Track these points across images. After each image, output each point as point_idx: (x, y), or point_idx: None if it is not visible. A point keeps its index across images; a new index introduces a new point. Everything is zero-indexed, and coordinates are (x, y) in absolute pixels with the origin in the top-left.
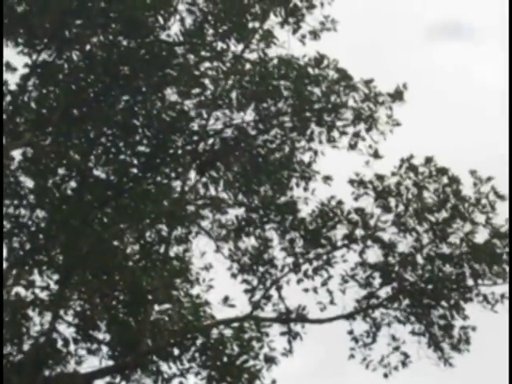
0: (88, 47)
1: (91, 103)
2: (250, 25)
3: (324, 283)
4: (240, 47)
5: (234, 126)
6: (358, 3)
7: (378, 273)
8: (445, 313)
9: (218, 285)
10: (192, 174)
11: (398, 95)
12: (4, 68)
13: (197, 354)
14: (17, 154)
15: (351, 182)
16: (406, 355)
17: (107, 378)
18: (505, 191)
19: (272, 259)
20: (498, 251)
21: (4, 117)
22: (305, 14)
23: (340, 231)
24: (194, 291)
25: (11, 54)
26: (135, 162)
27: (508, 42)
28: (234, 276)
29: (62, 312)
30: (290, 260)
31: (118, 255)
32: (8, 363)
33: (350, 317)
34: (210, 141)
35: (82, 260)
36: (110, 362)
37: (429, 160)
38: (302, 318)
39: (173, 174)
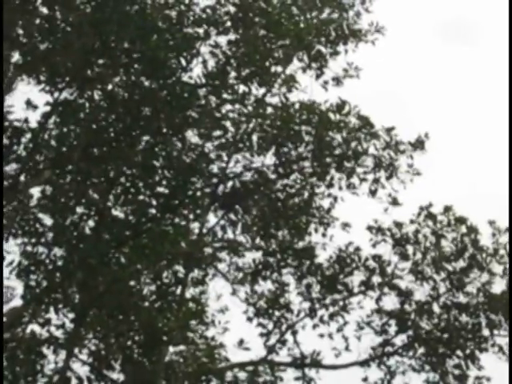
0: (110, 87)
1: (111, 143)
2: (273, 69)
3: (340, 329)
4: (262, 91)
5: (253, 170)
6: (382, 50)
7: (394, 320)
8: (460, 362)
9: (234, 328)
10: (210, 216)
11: (419, 144)
12: (25, 106)
13: None
14: (36, 191)
15: (369, 228)
16: None
17: None
18: None
19: (288, 304)
20: None
21: (24, 154)
22: (328, 60)
23: (357, 278)
24: (210, 333)
25: (33, 91)
26: (154, 202)
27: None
28: (249, 319)
29: (76, 351)
30: (306, 305)
31: (135, 295)
32: None
33: (364, 364)
34: (230, 184)
35: (98, 299)
36: None
37: (447, 209)
38: (317, 364)
39: (191, 216)
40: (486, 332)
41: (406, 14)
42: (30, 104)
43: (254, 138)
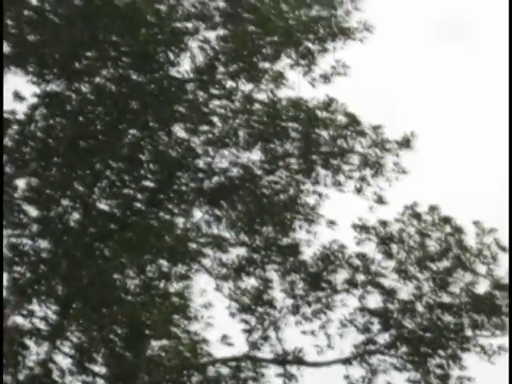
0: (98, 80)
1: (98, 136)
2: (261, 65)
3: (322, 326)
4: (250, 87)
5: (240, 165)
6: (371, 48)
7: (377, 319)
8: (442, 362)
9: (217, 323)
10: (196, 211)
11: (405, 143)
12: (12, 97)
13: None
14: (21, 183)
15: (354, 226)
16: None
17: None
18: (507, 243)
19: (272, 300)
20: (497, 303)
21: (10, 145)
22: (316, 57)
23: (341, 275)
24: (193, 328)
25: (21, 82)
26: (140, 196)
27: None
28: (232, 315)
29: (59, 343)
30: (289, 302)
31: (118, 289)
32: None
33: (347, 361)
34: (216, 179)
35: (82, 292)
36: None
37: (433, 208)
38: (299, 361)
39: (176, 210)
40: (468, 332)
41: (399, 12)
42: (17, 95)
43: (241, 133)
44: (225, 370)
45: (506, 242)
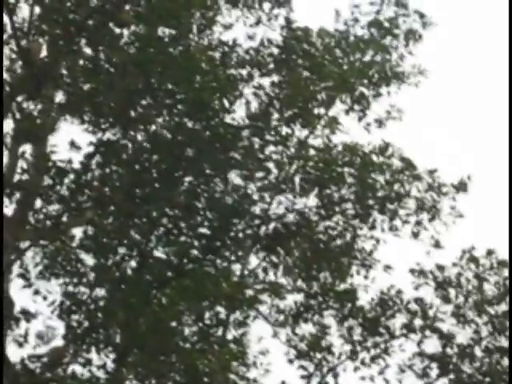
0: (153, 127)
1: (154, 183)
2: (316, 111)
3: (381, 372)
4: (305, 133)
5: (296, 211)
6: (425, 92)
7: (436, 364)
8: None
9: (275, 370)
10: (252, 258)
11: (461, 186)
12: (69, 146)
13: None
14: (78, 231)
15: (412, 271)
16: None
17: None
18: None
19: (329, 346)
20: None
21: (67, 194)
22: (371, 102)
23: (399, 320)
24: (251, 375)
25: (76, 131)
26: (196, 243)
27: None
28: (290, 361)
29: None
30: (347, 347)
31: (176, 336)
32: None
33: None
34: (272, 225)
35: (140, 340)
36: None
37: (490, 252)
38: None
39: (233, 257)
40: None
41: (454, 55)
42: (73, 144)
43: (297, 179)
44: None
45: None
